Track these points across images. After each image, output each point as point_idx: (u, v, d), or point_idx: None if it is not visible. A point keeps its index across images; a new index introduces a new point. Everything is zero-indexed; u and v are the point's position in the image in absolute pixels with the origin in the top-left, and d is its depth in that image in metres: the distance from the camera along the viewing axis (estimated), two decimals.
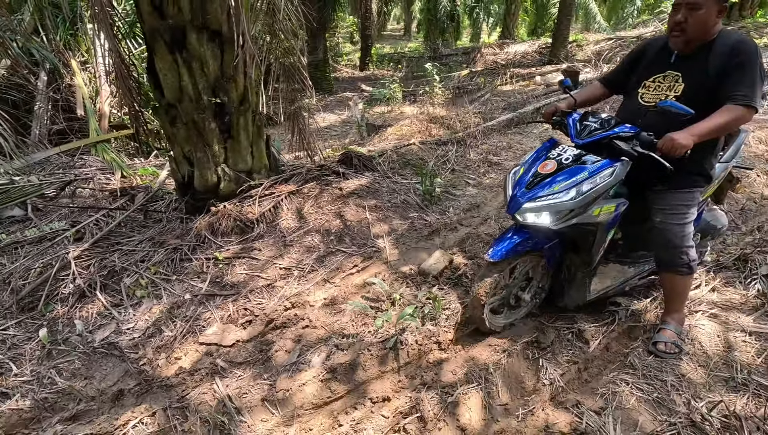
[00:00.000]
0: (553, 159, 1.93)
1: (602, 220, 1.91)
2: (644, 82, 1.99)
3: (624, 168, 1.86)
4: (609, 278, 2.23)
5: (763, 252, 2.76)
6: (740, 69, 1.72)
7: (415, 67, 14.15)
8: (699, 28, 1.76)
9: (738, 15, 11.41)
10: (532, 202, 1.83)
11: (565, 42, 11.43)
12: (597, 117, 1.97)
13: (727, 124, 1.73)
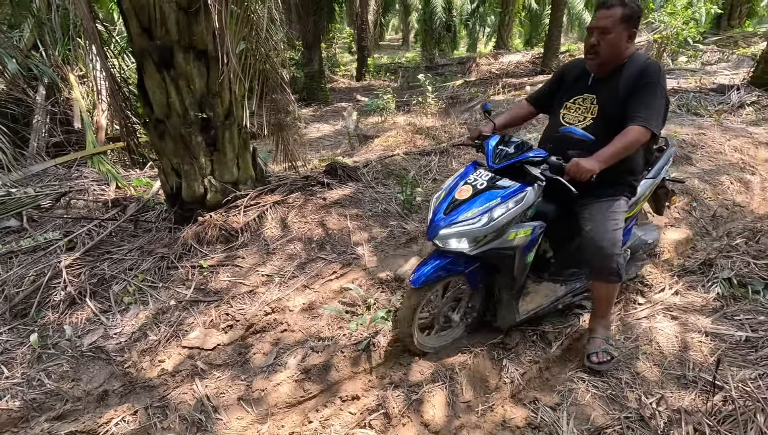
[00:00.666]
0: (470, 184, 1.94)
1: (518, 244, 1.91)
2: (565, 103, 2.04)
3: (536, 192, 1.88)
4: (540, 297, 2.24)
5: (727, 257, 2.87)
6: (643, 91, 1.78)
7: (411, 77, 14.36)
8: (610, 51, 1.83)
9: (727, 24, 11.64)
10: (449, 228, 1.85)
11: (557, 52, 11.64)
12: (512, 141, 1.98)
13: (627, 146, 1.77)
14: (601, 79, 1.94)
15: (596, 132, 1.91)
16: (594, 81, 1.97)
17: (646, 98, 1.77)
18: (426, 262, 1.98)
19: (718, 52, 9.62)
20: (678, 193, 2.59)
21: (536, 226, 1.96)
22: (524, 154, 1.89)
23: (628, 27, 1.80)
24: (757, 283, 2.57)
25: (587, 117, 1.95)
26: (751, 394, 1.73)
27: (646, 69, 1.81)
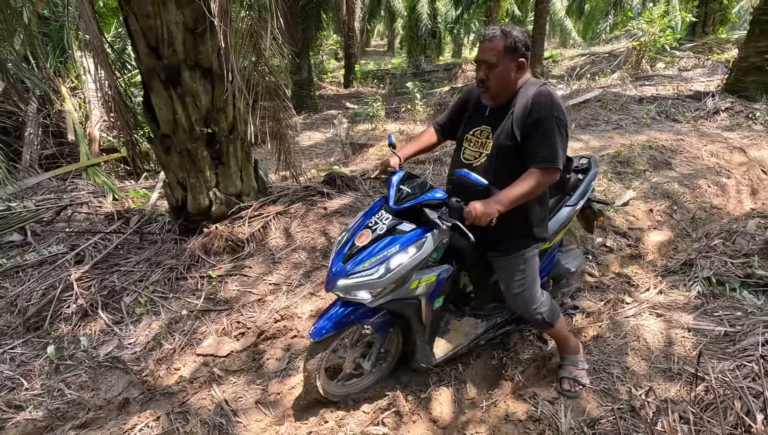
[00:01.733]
0: (371, 228, 1.79)
1: (422, 292, 1.80)
2: (466, 135, 1.88)
3: (437, 238, 1.75)
4: (460, 335, 2.15)
5: (706, 257, 3.07)
6: (538, 128, 1.64)
7: (398, 83, 14.59)
8: (500, 84, 1.71)
9: (701, 31, 12.12)
10: (346, 278, 1.70)
11: (541, 59, 11.96)
12: (415, 180, 1.84)
13: (531, 190, 1.64)
14: (496, 110, 1.80)
15: (491, 169, 1.77)
16: (490, 112, 1.83)
17: (542, 136, 1.64)
18: (328, 311, 1.83)
19: (694, 58, 10.01)
20: (605, 215, 2.54)
21: (442, 271, 1.84)
22: (424, 195, 1.75)
23: (514, 58, 1.68)
24: (733, 281, 2.76)
25: (482, 153, 1.80)
26: (729, 383, 1.89)
27: (537, 101, 1.66)
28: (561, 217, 2.19)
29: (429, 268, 1.81)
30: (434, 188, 1.79)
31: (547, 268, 2.28)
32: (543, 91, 1.69)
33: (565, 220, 2.21)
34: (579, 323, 2.59)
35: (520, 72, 1.72)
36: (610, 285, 2.96)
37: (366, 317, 1.82)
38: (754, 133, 5.08)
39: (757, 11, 5.63)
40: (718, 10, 11.74)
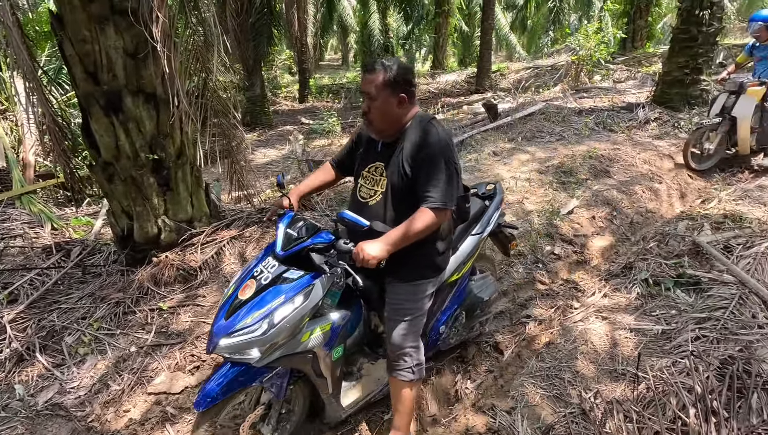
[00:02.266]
0: (256, 278, 1.64)
1: (315, 344, 1.65)
2: (362, 172, 1.80)
3: (326, 283, 1.62)
4: (372, 382, 2.02)
5: (643, 259, 3.30)
6: (427, 166, 1.58)
7: (353, 97, 14.71)
8: (381, 118, 1.64)
9: (631, 46, 13.12)
10: (228, 337, 1.53)
11: (489, 72, 12.50)
12: (303, 223, 1.72)
13: (422, 230, 1.57)
14: (388, 145, 1.73)
15: (387, 209, 1.70)
16: (382, 147, 1.75)
17: (432, 175, 1.58)
18: (213, 375, 1.63)
19: (626, 70, 10.80)
20: (516, 239, 2.56)
21: (338, 318, 1.72)
22: (311, 239, 1.66)
23: (394, 92, 1.60)
24: (668, 281, 2.98)
25: (377, 191, 1.72)
26: (666, 380, 2.04)
27: (425, 138, 1.61)
28: (467, 247, 2.13)
29: (323, 317, 1.69)
30: (322, 231, 1.70)
31: (459, 298, 2.21)
32: (429, 128, 1.63)
33: (473, 249, 2.16)
34: (532, 331, 2.70)
35: (402, 107, 1.64)
36: (560, 291, 3.12)
37: (259, 376, 1.63)
38: (680, 141, 5.54)
39: (676, 30, 6.19)
40: (645, 27, 12.77)
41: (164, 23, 2.52)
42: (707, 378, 1.94)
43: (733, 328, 2.40)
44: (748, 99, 4.50)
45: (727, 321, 2.46)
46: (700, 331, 2.44)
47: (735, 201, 4.12)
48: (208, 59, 2.88)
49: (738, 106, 4.53)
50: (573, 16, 19.95)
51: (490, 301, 2.39)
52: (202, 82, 3.00)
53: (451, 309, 2.18)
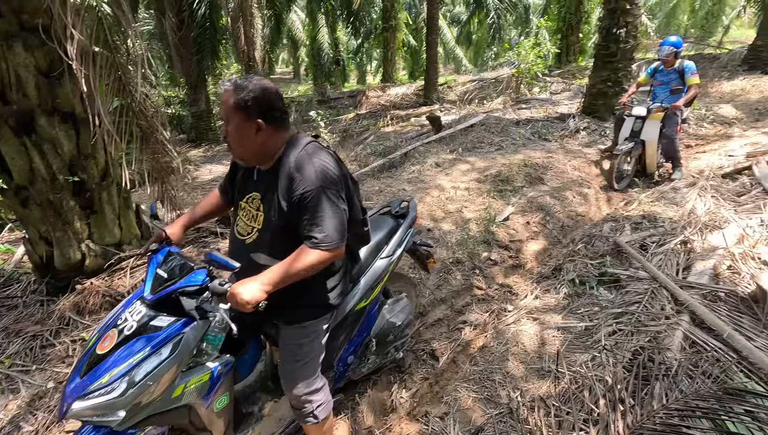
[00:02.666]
0: (118, 327, 1.42)
1: (192, 398, 1.45)
2: (240, 202, 1.59)
3: (198, 331, 1.43)
4: (274, 421, 1.87)
5: (571, 261, 3.50)
6: (306, 203, 1.40)
7: (304, 111, 14.66)
8: (238, 145, 1.45)
9: (566, 60, 14.01)
10: (81, 400, 1.30)
11: (436, 85, 12.90)
12: (177, 261, 1.52)
13: (306, 269, 1.40)
14: (264, 173, 1.52)
15: (266, 249, 1.51)
16: (258, 175, 1.54)
17: (312, 213, 1.40)
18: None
19: (562, 83, 11.51)
20: (434, 257, 2.55)
21: (218, 367, 1.51)
22: (182, 280, 1.46)
23: (250, 117, 1.39)
24: (592, 280, 3.19)
25: (254, 227, 1.52)
26: (584, 374, 2.18)
27: (300, 172, 1.40)
28: (376, 271, 1.99)
29: (200, 366, 1.48)
30: (195, 270, 1.49)
31: (369, 325, 2.09)
32: (303, 161, 1.42)
33: (382, 273, 2.02)
34: (467, 336, 2.79)
35: (262, 135, 1.42)
36: (495, 296, 3.25)
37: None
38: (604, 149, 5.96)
39: (598, 47, 6.71)
40: (577, 42, 13.70)
41: (80, 41, 2.43)
42: (617, 370, 2.10)
43: (645, 320, 2.60)
44: (653, 123, 4.87)
45: (640, 314, 2.66)
46: (617, 325, 2.62)
47: (652, 202, 4.48)
48: (132, 78, 2.79)
49: (645, 130, 4.90)
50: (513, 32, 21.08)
51: (403, 325, 2.23)
52: (127, 101, 2.90)
53: (360, 337, 2.05)
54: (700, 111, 7.08)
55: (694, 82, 4.76)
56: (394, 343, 2.25)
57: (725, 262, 3.12)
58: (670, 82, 4.93)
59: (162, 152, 3.38)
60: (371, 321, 2.12)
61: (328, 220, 1.40)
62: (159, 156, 3.37)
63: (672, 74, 4.90)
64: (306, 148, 1.46)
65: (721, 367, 2.16)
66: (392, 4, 15.22)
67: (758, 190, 4.32)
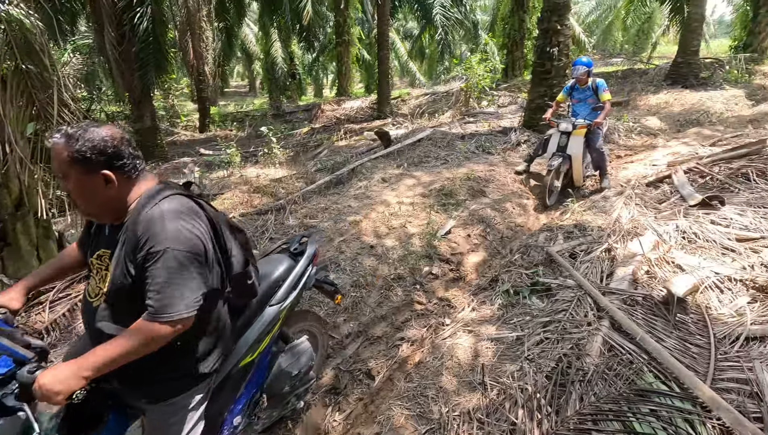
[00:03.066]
0: None
1: None
2: (91, 259, 1.39)
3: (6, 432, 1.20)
4: None
5: (508, 271, 3.64)
6: (148, 265, 1.22)
7: (258, 125, 14.46)
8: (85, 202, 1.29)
9: (511, 74, 14.67)
10: None
11: (389, 99, 13.12)
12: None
13: (137, 348, 1.20)
14: (117, 226, 1.33)
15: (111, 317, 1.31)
16: (111, 229, 1.36)
17: (155, 277, 1.21)
18: None
19: (509, 96, 12.03)
20: (341, 293, 2.47)
21: None
22: None
23: (93, 169, 1.23)
24: (525, 290, 3.33)
25: (101, 290, 1.32)
26: (509, 385, 2.27)
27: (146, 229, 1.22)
28: (264, 321, 1.82)
29: None
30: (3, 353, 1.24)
31: (258, 380, 1.90)
32: (155, 214, 1.24)
33: (270, 323, 1.85)
34: (405, 353, 2.83)
35: (113, 188, 1.26)
36: (434, 310, 3.32)
37: None
38: (544, 160, 6.27)
39: (535, 64, 7.10)
40: (521, 58, 14.39)
41: None
42: (538, 379, 2.20)
43: (569, 328, 2.75)
44: (578, 138, 5.13)
45: (566, 322, 2.80)
46: (544, 334, 2.75)
47: (584, 211, 4.75)
48: (47, 102, 2.67)
49: (571, 145, 5.13)
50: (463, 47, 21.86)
51: (302, 373, 1.99)
52: (43, 127, 2.77)
53: (247, 395, 1.86)
54: (628, 123, 7.61)
55: (606, 99, 5.10)
56: (292, 393, 2.02)
57: (643, 267, 3.35)
58: (586, 99, 5.27)
59: None
60: (260, 375, 1.91)
61: (171, 287, 1.21)
62: None
63: (587, 91, 5.23)
64: (161, 203, 1.26)
65: (633, 369, 2.31)
66: (344, 19, 15.42)
67: (676, 198, 4.69)
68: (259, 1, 15.76)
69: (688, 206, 4.36)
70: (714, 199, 4.33)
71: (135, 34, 9.17)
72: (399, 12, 17.46)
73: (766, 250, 3.37)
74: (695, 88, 9.61)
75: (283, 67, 18.14)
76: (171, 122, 15.61)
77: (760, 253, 3.37)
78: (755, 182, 4.64)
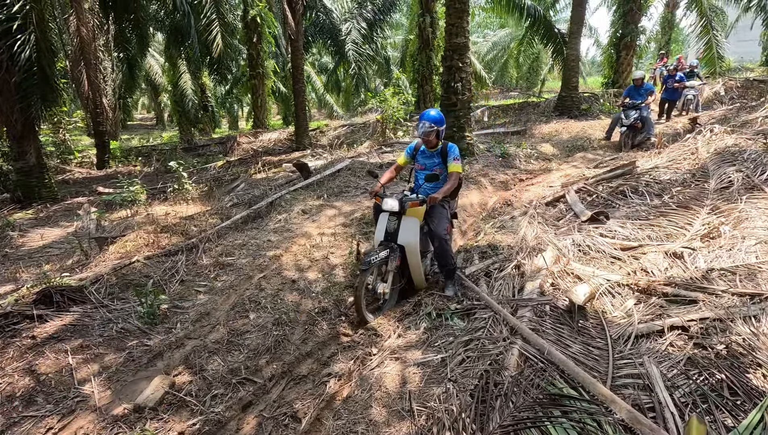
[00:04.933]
0: None
1: None
2: None
3: None
4: None
5: (430, 295, 3.74)
6: None
7: (167, 159, 13.56)
8: None
9: (423, 106, 15.59)
10: None
11: (307, 131, 13.14)
12: None
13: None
14: None
15: None
16: None
17: None
18: None
19: None
20: None
21: None
22: None
23: None
24: (447, 312, 3.44)
25: None
26: (436, 408, 2.30)
27: None
28: None
29: None
30: None
31: None
32: None
33: None
34: (332, 389, 2.74)
35: None
36: (360, 341, 3.28)
37: None
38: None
39: (442, 98, 7.65)
40: (431, 91, 15.40)
41: None
42: (461, 399, 2.26)
43: (487, 345, 2.88)
44: (411, 220, 3.49)
45: (485, 340, 2.94)
46: (466, 352, 2.85)
47: (495, 232, 5.10)
48: None
49: (402, 232, 3.47)
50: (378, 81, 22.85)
51: None
52: None
53: None
54: (527, 149, 8.44)
55: (454, 170, 3.59)
56: None
57: (548, 280, 3.67)
58: (432, 168, 3.70)
59: None
60: None
61: None
62: None
63: (434, 157, 3.70)
64: None
65: (545, 377, 2.47)
66: (257, 53, 15.35)
67: (571, 214, 5.25)
68: (165, 32, 15.08)
69: (580, 222, 4.90)
70: (600, 214, 4.94)
71: (15, 63, 8.21)
72: (313, 47, 17.81)
73: (644, 257, 3.89)
74: (578, 118, 11.02)
75: (193, 99, 17.41)
76: (62, 159, 14.07)
77: (640, 259, 3.87)
78: (630, 198, 5.38)
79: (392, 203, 3.47)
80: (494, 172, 7.25)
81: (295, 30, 11.61)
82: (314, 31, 15.55)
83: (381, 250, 3.41)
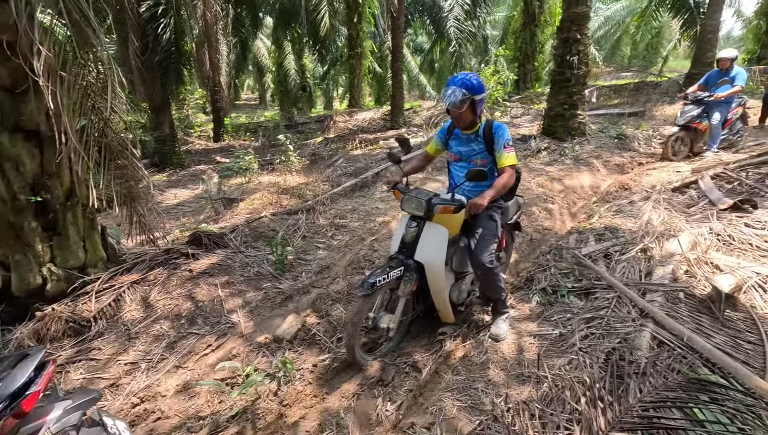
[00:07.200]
0: None
1: None
2: None
3: None
4: None
5: (543, 271, 3.63)
6: None
7: (271, 135, 14.62)
8: None
9: (523, 86, 14.81)
10: None
11: (402, 110, 13.24)
12: None
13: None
14: None
15: None
16: None
17: None
18: None
19: (521, 107, 12.11)
20: None
21: None
22: None
23: None
24: (563, 289, 3.31)
25: None
26: (563, 377, 2.25)
27: None
28: None
29: None
30: None
31: None
32: None
33: None
34: (448, 347, 2.81)
35: None
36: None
37: None
38: (565, 166, 6.29)
39: (554, 73, 7.17)
40: (533, 70, 14.55)
41: (48, 57, 2.38)
42: (593, 370, 2.18)
43: (613, 323, 2.73)
44: (437, 230, 2.50)
45: (610, 318, 2.78)
46: (588, 329, 2.73)
47: (612, 215, 4.74)
48: (102, 97, 2.73)
49: (423, 244, 2.49)
50: (474, 60, 22.10)
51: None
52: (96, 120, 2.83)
53: None
54: (647, 132, 7.64)
55: (508, 163, 2.48)
56: None
57: (682, 266, 3.33)
58: (471, 157, 2.61)
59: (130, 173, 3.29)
60: None
61: None
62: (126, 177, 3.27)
63: (474, 143, 2.58)
64: None
65: (687, 363, 2.28)
66: (357, 33, 15.67)
67: (705, 202, 4.68)
68: (274, 15, 16.08)
69: (718, 210, 4.35)
70: (746, 202, 4.32)
71: (158, 44, 9.39)
72: (411, 26, 17.73)
73: None
74: None
75: (295, 79, 18.44)
76: (185, 132, 15.82)
77: None
78: None
79: (414, 203, 2.47)
80: (608, 154, 6.70)
81: (397, 7, 11.64)
82: (414, 9, 15.45)
83: (392, 269, 2.40)
